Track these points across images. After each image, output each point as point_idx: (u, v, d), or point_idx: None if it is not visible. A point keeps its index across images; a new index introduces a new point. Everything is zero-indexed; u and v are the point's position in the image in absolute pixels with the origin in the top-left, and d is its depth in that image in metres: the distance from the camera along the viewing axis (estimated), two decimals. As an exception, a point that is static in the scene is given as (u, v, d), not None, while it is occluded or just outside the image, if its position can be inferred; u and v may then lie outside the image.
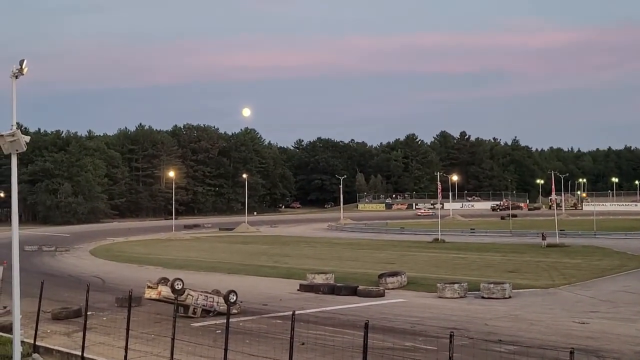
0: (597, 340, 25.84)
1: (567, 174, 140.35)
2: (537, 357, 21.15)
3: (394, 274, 41.27)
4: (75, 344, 25.55)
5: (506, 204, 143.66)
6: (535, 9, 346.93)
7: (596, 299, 35.19)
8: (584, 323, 29.18)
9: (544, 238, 64.30)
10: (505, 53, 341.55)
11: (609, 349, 24.19)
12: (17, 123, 17.74)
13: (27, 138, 17.74)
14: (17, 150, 17.48)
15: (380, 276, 40.75)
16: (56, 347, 25.60)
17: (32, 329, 25.73)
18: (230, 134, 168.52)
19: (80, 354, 24.04)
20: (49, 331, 28.44)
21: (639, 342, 25.51)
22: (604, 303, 34.14)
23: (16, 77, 17.46)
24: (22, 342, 21.18)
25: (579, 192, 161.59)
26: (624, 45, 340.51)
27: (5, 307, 29.38)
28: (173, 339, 21.54)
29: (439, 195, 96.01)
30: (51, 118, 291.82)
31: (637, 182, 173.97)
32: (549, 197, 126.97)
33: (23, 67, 17.26)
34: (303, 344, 22.69)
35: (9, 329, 23.51)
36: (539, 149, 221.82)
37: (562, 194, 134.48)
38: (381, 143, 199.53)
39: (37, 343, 25.29)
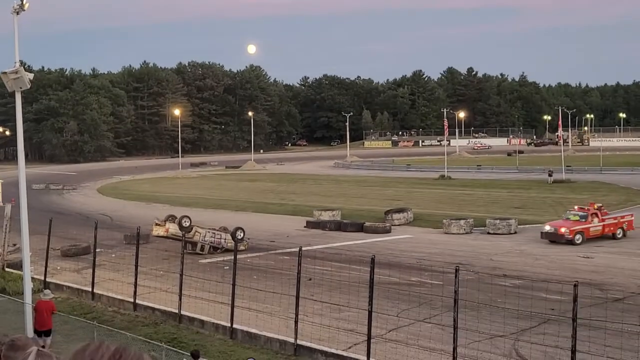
0: (601, 274, 26.07)
1: (575, 110, 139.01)
2: (542, 291, 21.34)
3: (400, 211, 41.46)
4: (85, 280, 25.92)
5: (543, 140, 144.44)
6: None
7: (601, 234, 35.36)
8: (588, 257, 29.40)
9: (550, 175, 64.22)
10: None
11: (613, 283, 24.43)
12: (20, 61, 17.62)
13: (31, 76, 17.65)
14: (20, 88, 17.41)
15: (387, 213, 40.95)
16: (66, 284, 25.99)
17: (42, 265, 26.09)
18: (235, 71, 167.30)
19: (90, 289, 24.43)
20: (58, 268, 28.82)
21: (643, 276, 25.73)
22: (609, 238, 34.33)
23: (17, 13, 17.27)
24: (33, 279, 21.48)
25: (585, 128, 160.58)
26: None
27: (15, 245, 29.70)
28: (181, 275, 21.82)
29: (446, 132, 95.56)
30: (55, 56, 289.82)
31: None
32: (556, 133, 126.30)
33: (24, 2, 17.06)
34: (310, 279, 22.95)
35: (19, 266, 23.82)
36: (547, 85, 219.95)
37: (569, 130, 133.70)
38: (387, 80, 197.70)
39: (47, 279, 25.67)
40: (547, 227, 33.77)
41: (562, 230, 32.68)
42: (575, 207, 35.17)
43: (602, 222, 33.55)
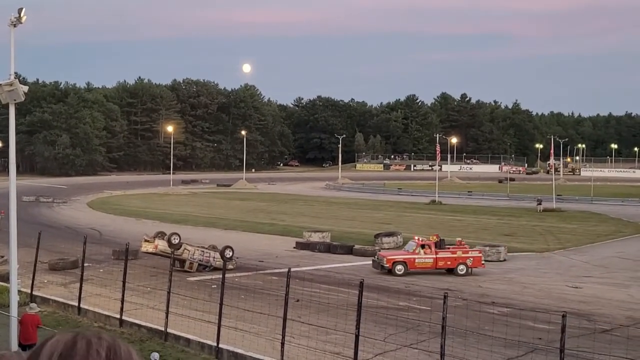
0: (589, 304, 26.06)
1: (567, 139, 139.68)
2: (530, 319, 21.33)
3: (390, 234, 41.44)
4: (71, 295, 25.74)
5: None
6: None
7: (590, 264, 35.42)
8: (577, 287, 29.41)
9: (539, 203, 64.22)
10: (509, 16, 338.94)
11: (601, 313, 24.42)
12: (15, 73, 17.62)
13: (25, 88, 17.64)
14: (15, 100, 17.38)
15: (377, 236, 40.92)
16: (53, 297, 25.80)
17: (29, 278, 25.91)
18: (229, 89, 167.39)
19: (76, 304, 24.26)
20: (45, 281, 28.63)
21: (631, 306, 25.77)
22: (598, 268, 34.37)
23: (14, 26, 17.28)
24: (19, 292, 21.32)
25: (577, 158, 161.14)
26: (627, 10, 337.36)
27: (2, 257, 29.52)
28: (169, 293, 21.71)
29: (438, 157, 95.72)
30: (50, 69, 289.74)
31: (636, 148, 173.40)
32: (547, 162, 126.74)
33: (21, 15, 17.07)
34: (298, 300, 22.85)
35: (6, 278, 23.65)
36: (540, 113, 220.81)
37: (561, 159, 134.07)
38: (381, 103, 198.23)
39: (34, 292, 25.48)
40: (376, 256, 33.19)
41: (383, 259, 32.11)
42: (415, 238, 34.11)
43: (434, 254, 32.00)
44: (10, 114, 18.05)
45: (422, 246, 32.24)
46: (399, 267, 31.57)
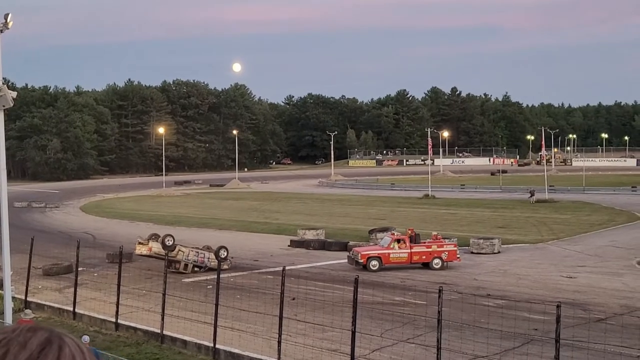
0: (584, 294, 26.15)
1: (557, 130, 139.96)
2: (525, 310, 21.38)
3: (384, 230, 41.39)
4: (66, 300, 25.67)
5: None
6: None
7: (584, 254, 35.51)
8: (571, 277, 29.50)
9: (532, 194, 64.18)
10: (497, 8, 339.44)
11: (596, 303, 24.51)
12: (3, 78, 17.56)
13: (14, 94, 17.58)
14: (3, 106, 17.33)
15: (371, 232, 40.90)
16: (47, 303, 25.74)
17: (23, 284, 25.83)
18: (220, 89, 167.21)
19: (71, 309, 24.20)
20: (40, 287, 28.54)
21: (625, 295, 25.86)
22: (592, 257, 34.47)
23: (1, 32, 17.21)
24: (14, 298, 21.26)
25: (568, 148, 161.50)
26: (615, 1, 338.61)
27: (-5, 264, 29.39)
28: (164, 295, 21.67)
29: (430, 151, 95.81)
30: (38, 73, 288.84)
31: (626, 137, 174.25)
32: (539, 153, 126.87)
33: (8, 20, 17.01)
34: (294, 299, 22.86)
35: None
36: (530, 105, 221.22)
37: (552, 150, 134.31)
38: (372, 99, 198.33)
39: (28, 299, 25.42)
40: (351, 252, 32.93)
41: (357, 254, 31.85)
42: (390, 233, 33.77)
43: (408, 249, 31.73)
44: (-1, 120, 17.99)
45: (397, 241, 32.08)
46: (374, 262, 31.39)
